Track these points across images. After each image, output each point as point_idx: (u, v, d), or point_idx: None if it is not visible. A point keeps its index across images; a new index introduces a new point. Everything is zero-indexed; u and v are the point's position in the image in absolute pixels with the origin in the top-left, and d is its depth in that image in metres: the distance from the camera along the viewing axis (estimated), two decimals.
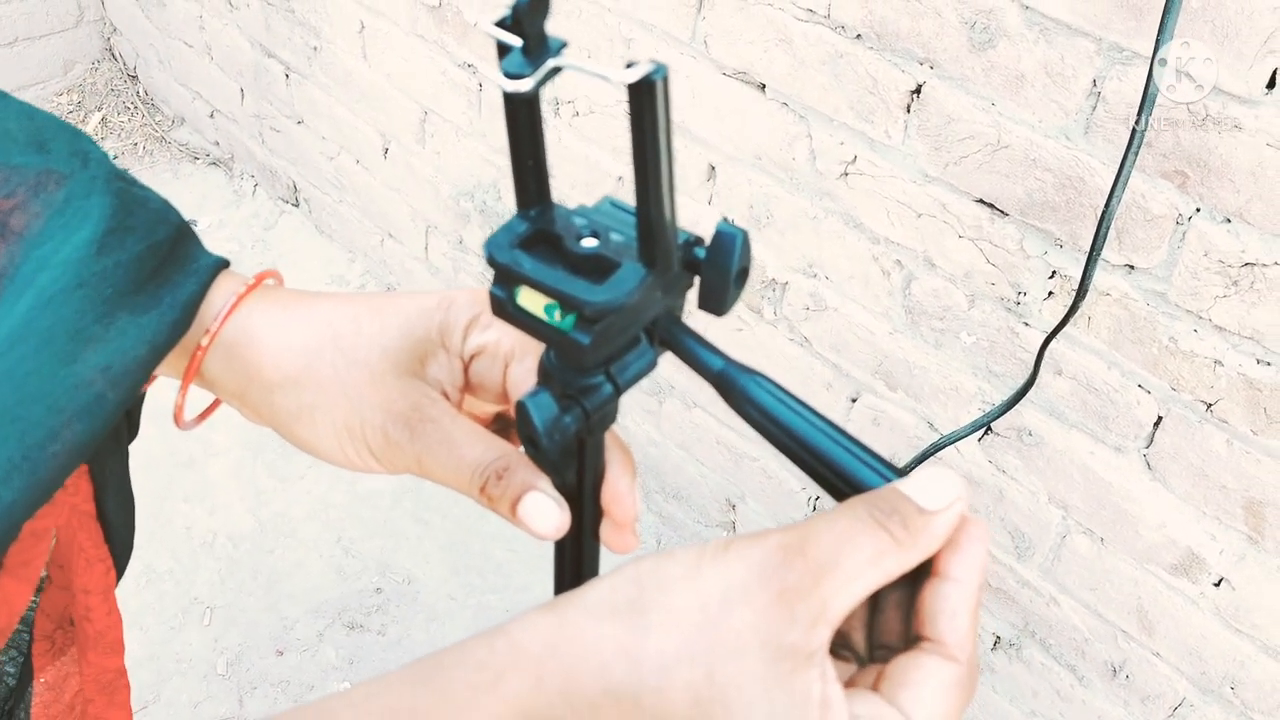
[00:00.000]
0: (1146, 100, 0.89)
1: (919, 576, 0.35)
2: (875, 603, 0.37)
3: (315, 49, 2.02)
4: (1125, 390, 1.12)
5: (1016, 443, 1.24)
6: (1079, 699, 1.32)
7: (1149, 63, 0.89)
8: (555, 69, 0.31)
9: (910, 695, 0.33)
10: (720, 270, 0.35)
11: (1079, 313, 1.06)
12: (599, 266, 0.35)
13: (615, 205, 0.37)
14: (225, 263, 0.47)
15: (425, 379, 0.45)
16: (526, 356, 0.45)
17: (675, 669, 0.31)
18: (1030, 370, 1.10)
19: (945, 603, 0.34)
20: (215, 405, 0.51)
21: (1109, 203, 0.94)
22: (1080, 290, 1.01)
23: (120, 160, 2.50)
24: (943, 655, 0.33)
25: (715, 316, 0.36)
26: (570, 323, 0.35)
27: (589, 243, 0.35)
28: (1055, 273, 1.12)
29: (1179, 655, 1.19)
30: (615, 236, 0.36)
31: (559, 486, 0.41)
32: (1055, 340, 1.10)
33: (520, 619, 0.33)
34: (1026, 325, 1.17)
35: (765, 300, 1.44)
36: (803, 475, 0.40)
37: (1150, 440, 1.12)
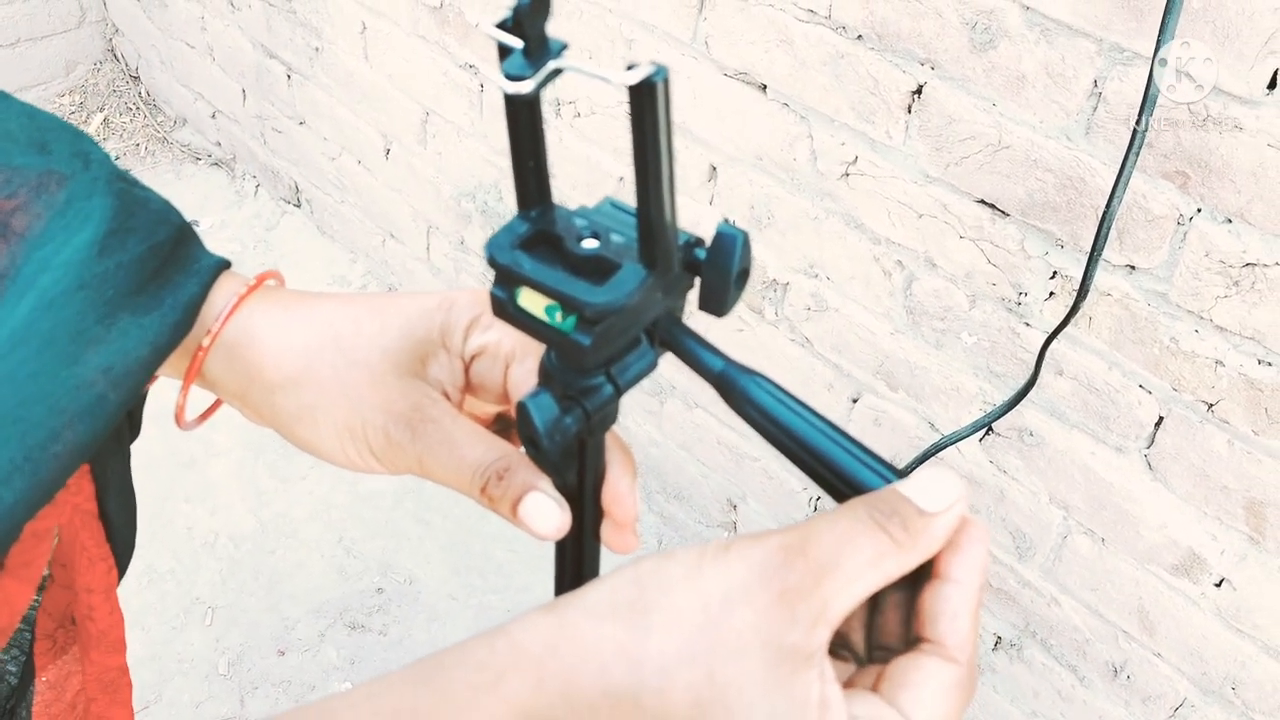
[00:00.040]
0: (1147, 100, 0.89)
1: (919, 577, 0.35)
2: (875, 603, 0.37)
3: (317, 50, 2.02)
4: (1126, 390, 1.12)
5: (1017, 443, 1.24)
6: (1080, 699, 1.32)
7: (1150, 63, 0.89)
8: (556, 71, 0.31)
9: (910, 696, 0.33)
10: (721, 271, 0.35)
11: (1080, 313, 1.06)
12: (600, 268, 0.35)
13: (616, 206, 0.37)
14: (226, 263, 0.47)
15: (426, 379, 0.45)
16: (527, 357, 0.45)
17: (676, 670, 0.31)
18: (1031, 370, 1.10)
19: (946, 604, 0.34)
20: (216, 406, 0.51)
21: (1110, 203, 0.94)
22: (1081, 290, 1.01)
23: (122, 161, 2.50)
24: (943, 656, 0.33)
25: (716, 318, 0.36)
26: (571, 324, 0.35)
27: (590, 244, 0.35)
28: (1056, 273, 1.12)
29: (1180, 656, 1.19)
30: (616, 238, 0.36)
31: (559, 487, 0.41)
32: (1056, 340, 1.10)
33: (520, 620, 0.33)
34: (1027, 325, 1.17)
35: (766, 301, 1.44)
36: (804, 475, 0.40)
37: (1151, 440, 1.12)
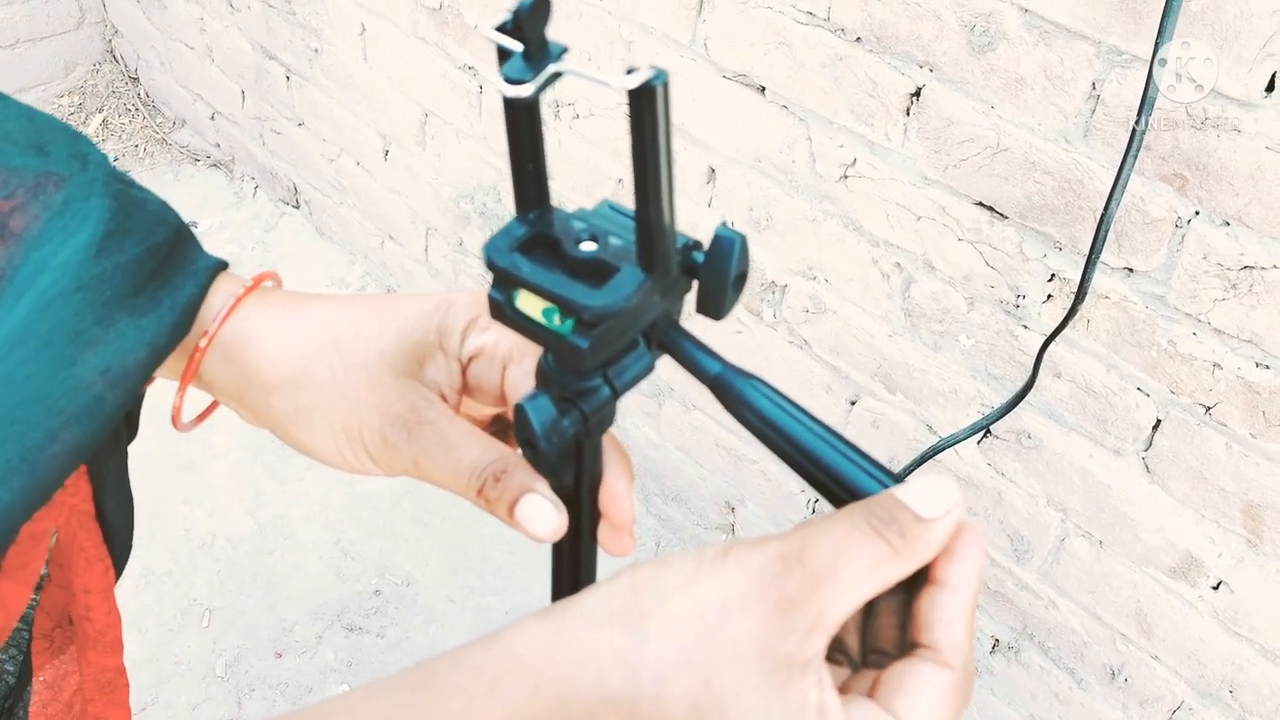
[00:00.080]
0: (1146, 101, 0.90)
1: (914, 582, 0.35)
2: (870, 607, 0.37)
3: (316, 51, 2.02)
4: (1124, 393, 1.12)
5: (1015, 445, 1.24)
6: (1078, 702, 1.32)
7: (1148, 65, 0.89)
8: (556, 74, 0.31)
9: (906, 702, 0.33)
10: (718, 275, 0.35)
11: (1078, 315, 1.06)
12: (598, 271, 0.35)
13: (614, 209, 0.37)
14: (224, 264, 0.47)
15: (423, 381, 0.45)
16: (524, 359, 0.45)
17: (672, 677, 0.31)
18: (1029, 373, 1.10)
19: (942, 610, 0.34)
20: (213, 407, 0.51)
21: (1108, 206, 0.94)
22: (1079, 293, 1.01)
23: (121, 162, 2.50)
24: (938, 662, 0.33)
25: (713, 321, 0.36)
26: (569, 327, 0.35)
27: (588, 247, 0.35)
28: (1054, 275, 1.12)
29: (1178, 658, 1.19)
30: (614, 240, 0.36)
31: (557, 489, 0.41)
32: (1054, 343, 1.10)
33: (517, 626, 0.33)
34: (1025, 328, 1.17)
35: (765, 303, 1.44)
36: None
37: (1149, 443, 1.12)
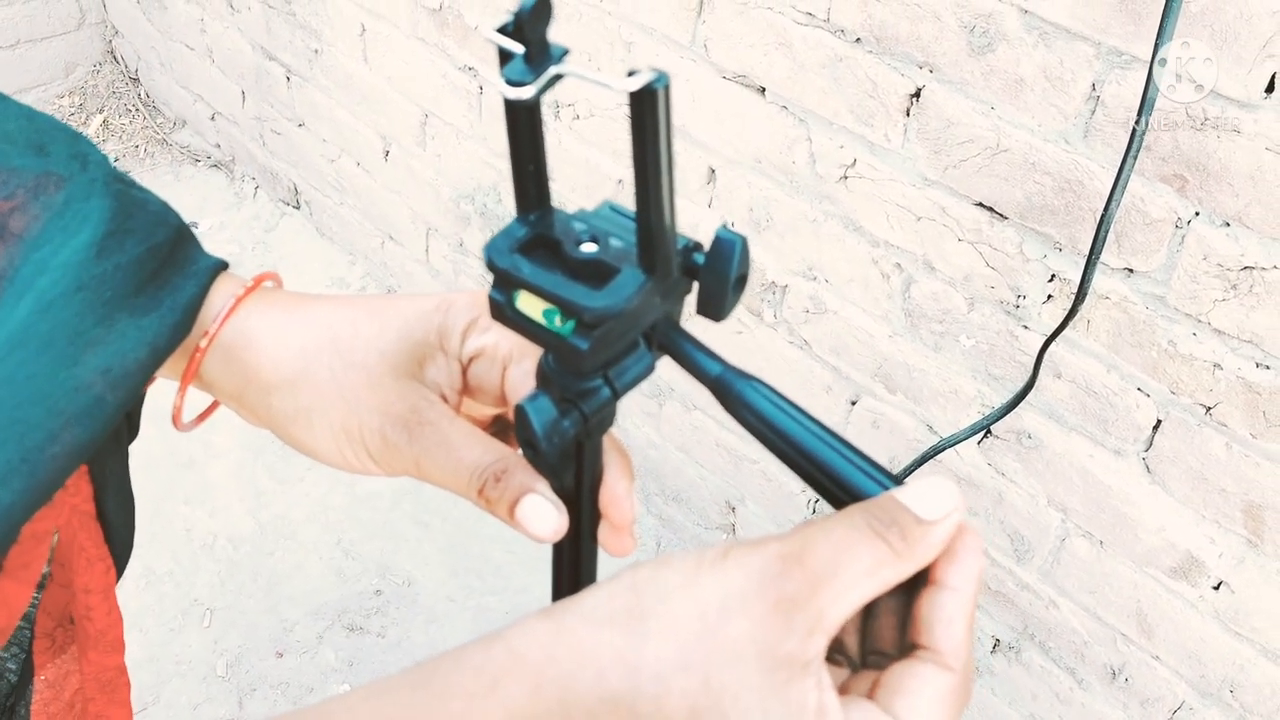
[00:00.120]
0: (1146, 102, 0.90)
1: (914, 583, 0.35)
2: (869, 608, 0.37)
3: (316, 52, 2.02)
4: (1124, 393, 1.12)
5: (1016, 446, 1.24)
6: (1078, 702, 1.32)
7: (1148, 66, 0.89)
8: (557, 76, 0.31)
9: (906, 703, 0.33)
10: (719, 276, 0.35)
11: (1078, 316, 1.06)
12: (598, 272, 0.35)
13: (615, 210, 0.37)
14: (224, 265, 0.47)
15: (423, 381, 0.45)
16: (525, 359, 0.45)
17: (672, 677, 0.31)
18: (1029, 373, 1.10)
19: (941, 611, 0.34)
20: (214, 407, 0.51)
21: (1108, 206, 0.94)
22: (1079, 293, 1.01)
23: (121, 163, 2.50)
24: (938, 664, 0.33)
25: (713, 322, 0.37)
26: (569, 328, 0.35)
27: (588, 248, 0.35)
28: (1054, 276, 1.12)
29: (1178, 658, 1.19)
30: (615, 242, 0.36)
31: (557, 489, 0.41)
32: (1054, 343, 1.10)
33: (517, 625, 0.33)
34: (1026, 328, 1.17)
35: (765, 303, 1.44)
36: None
37: (1149, 443, 1.12)
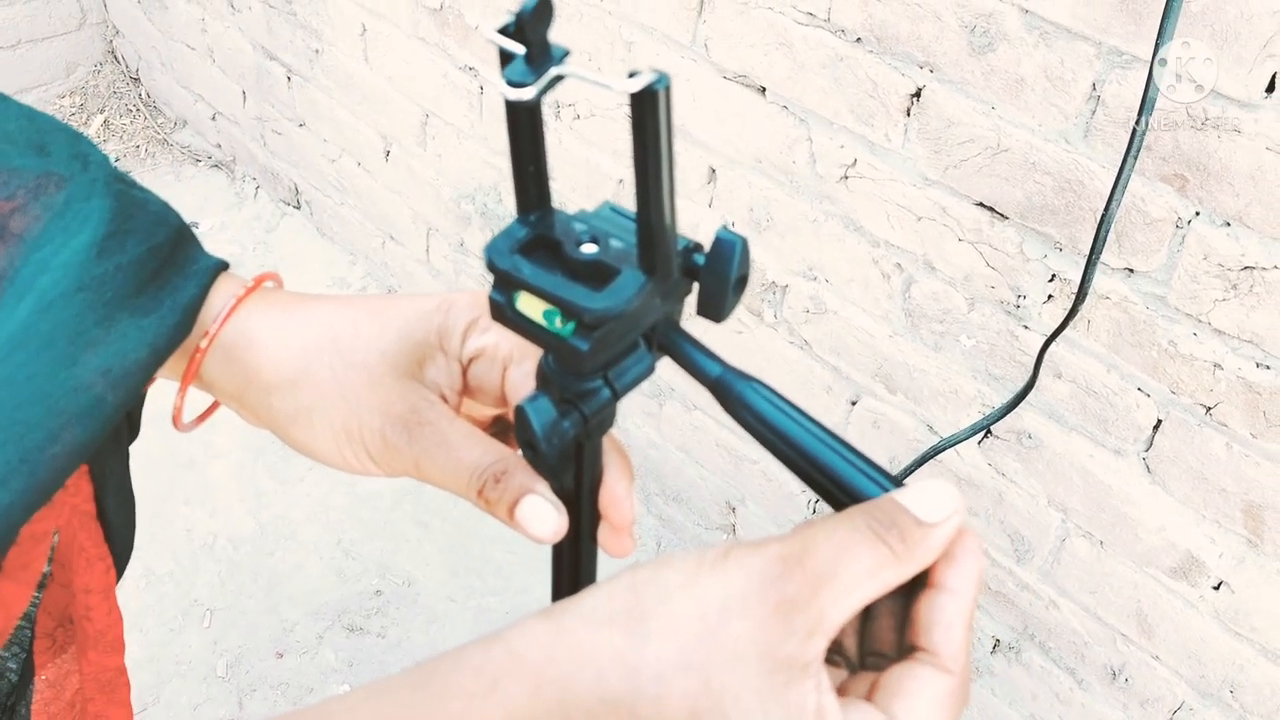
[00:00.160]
0: (1146, 102, 0.90)
1: (913, 585, 0.35)
2: (869, 610, 0.37)
3: (317, 52, 2.02)
4: (1125, 393, 1.12)
5: (1016, 446, 1.24)
6: (1078, 702, 1.32)
7: (1148, 66, 0.89)
8: (558, 77, 0.31)
9: (904, 705, 0.33)
10: (719, 277, 0.35)
11: (1078, 316, 1.06)
12: (598, 273, 0.35)
13: (615, 210, 0.37)
14: (225, 265, 0.47)
15: (423, 382, 0.45)
16: (525, 360, 0.45)
17: (672, 678, 0.31)
18: (1030, 373, 1.10)
19: (941, 614, 0.34)
20: (214, 407, 0.51)
21: (1108, 206, 0.94)
22: (1080, 293, 1.01)
23: (122, 163, 2.51)
24: (937, 666, 0.33)
25: (713, 323, 0.37)
26: (569, 329, 0.35)
27: (589, 249, 0.35)
28: (1055, 276, 1.12)
29: (1178, 659, 1.19)
30: (615, 242, 0.36)
31: (557, 490, 0.41)
32: (1055, 343, 1.10)
33: (517, 626, 0.33)
34: (1026, 328, 1.17)
35: (765, 303, 1.44)
36: None
37: (1150, 443, 1.12)
